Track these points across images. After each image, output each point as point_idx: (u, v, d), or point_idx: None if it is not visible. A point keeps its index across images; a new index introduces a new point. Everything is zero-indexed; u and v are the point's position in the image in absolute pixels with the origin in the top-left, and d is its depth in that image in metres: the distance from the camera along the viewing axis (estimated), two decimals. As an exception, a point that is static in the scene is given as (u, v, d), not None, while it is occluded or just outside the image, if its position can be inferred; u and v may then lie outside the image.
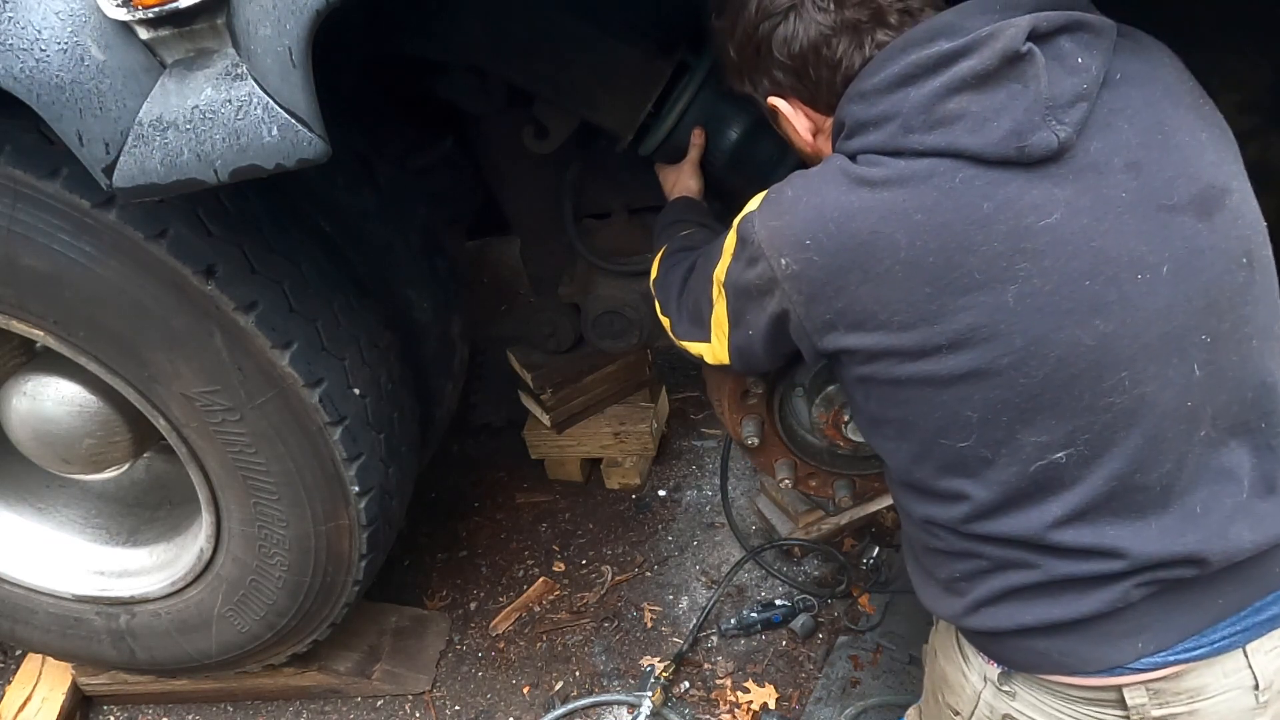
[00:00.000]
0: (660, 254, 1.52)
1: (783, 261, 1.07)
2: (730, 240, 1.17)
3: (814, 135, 1.20)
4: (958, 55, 0.98)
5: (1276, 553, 1.07)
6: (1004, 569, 1.10)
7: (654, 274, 1.51)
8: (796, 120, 1.19)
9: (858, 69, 1.07)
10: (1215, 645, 1.07)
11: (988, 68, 0.97)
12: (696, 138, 1.68)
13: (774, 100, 1.19)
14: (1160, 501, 1.04)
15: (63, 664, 2.29)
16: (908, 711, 1.58)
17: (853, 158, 1.06)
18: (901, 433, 1.11)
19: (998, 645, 1.17)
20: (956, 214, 0.99)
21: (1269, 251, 1.08)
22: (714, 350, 1.30)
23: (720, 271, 1.20)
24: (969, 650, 1.24)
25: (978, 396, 1.02)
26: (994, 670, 1.20)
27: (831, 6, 1.08)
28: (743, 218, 1.15)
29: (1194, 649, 1.07)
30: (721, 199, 1.76)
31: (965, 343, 1.00)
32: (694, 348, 1.35)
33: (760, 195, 1.14)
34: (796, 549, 2.45)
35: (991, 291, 0.99)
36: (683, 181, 1.70)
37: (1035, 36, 0.98)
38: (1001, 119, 0.97)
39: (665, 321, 1.44)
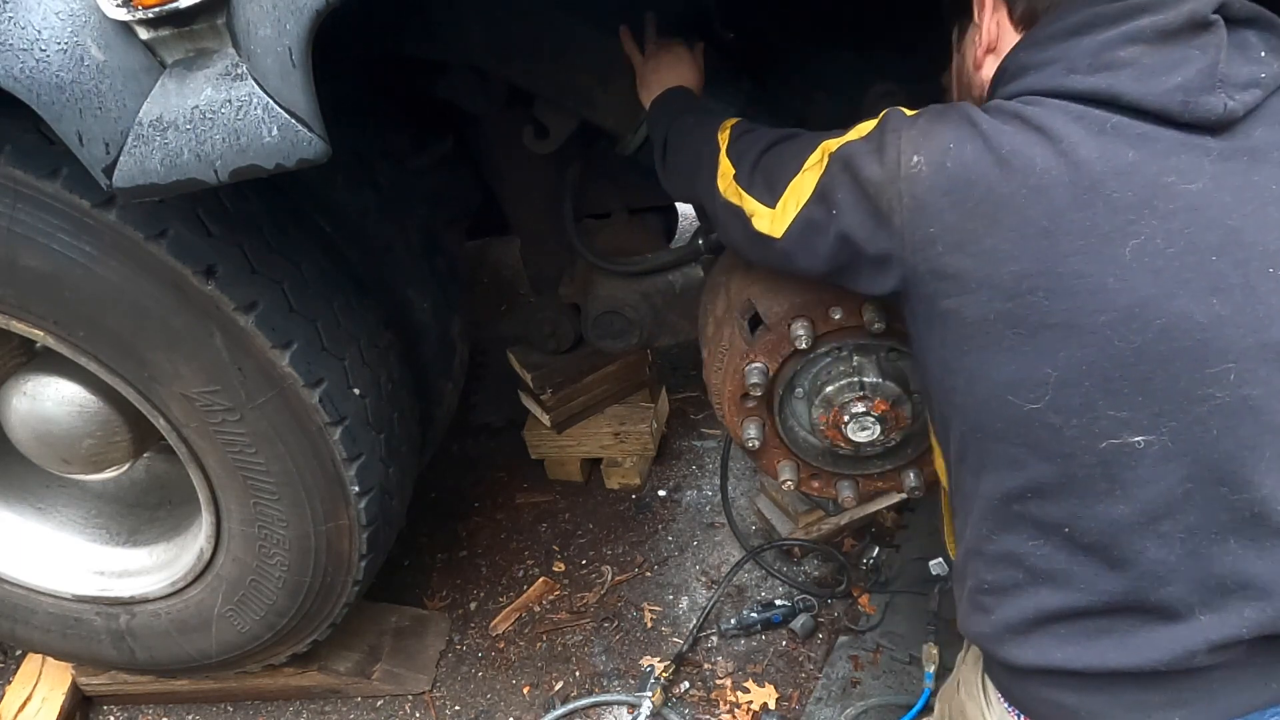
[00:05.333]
0: (736, 120, 1.40)
1: (915, 159, 1.03)
2: (868, 123, 1.12)
3: (985, 54, 1.14)
4: (1142, 9, 0.97)
5: None
6: (1036, 584, 1.04)
7: (725, 138, 1.36)
8: (987, 22, 1.12)
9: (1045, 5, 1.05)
10: None
11: (1170, 25, 0.95)
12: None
13: None
14: (1248, 530, 0.96)
15: (63, 664, 2.29)
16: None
17: (1008, 100, 1.04)
18: (969, 386, 1.04)
19: (1020, 687, 1.10)
20: (1099, 153, 0.96)
21: None
22: (771, 216, 1.21)
23: (836, 143, 1.14)
24: (993, 694, 1.17)
25: (1063, 354, 0.96)
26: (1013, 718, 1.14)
27: None
28: (895, 109, 1.11)
29: None
30: None
31: (1066, 290, 0.95)
32: (748, 204, 1.25)
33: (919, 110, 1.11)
34: (796, 549, 2.45)
35: (1110, 241, 0.94)
36: (684, 72, 1.58)
37: (1225, 16, 0.97)
38: (1171, 74, 0.95)
39: (726, 168, 1.32)
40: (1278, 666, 1.00)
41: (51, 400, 1.76)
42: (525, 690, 2.25)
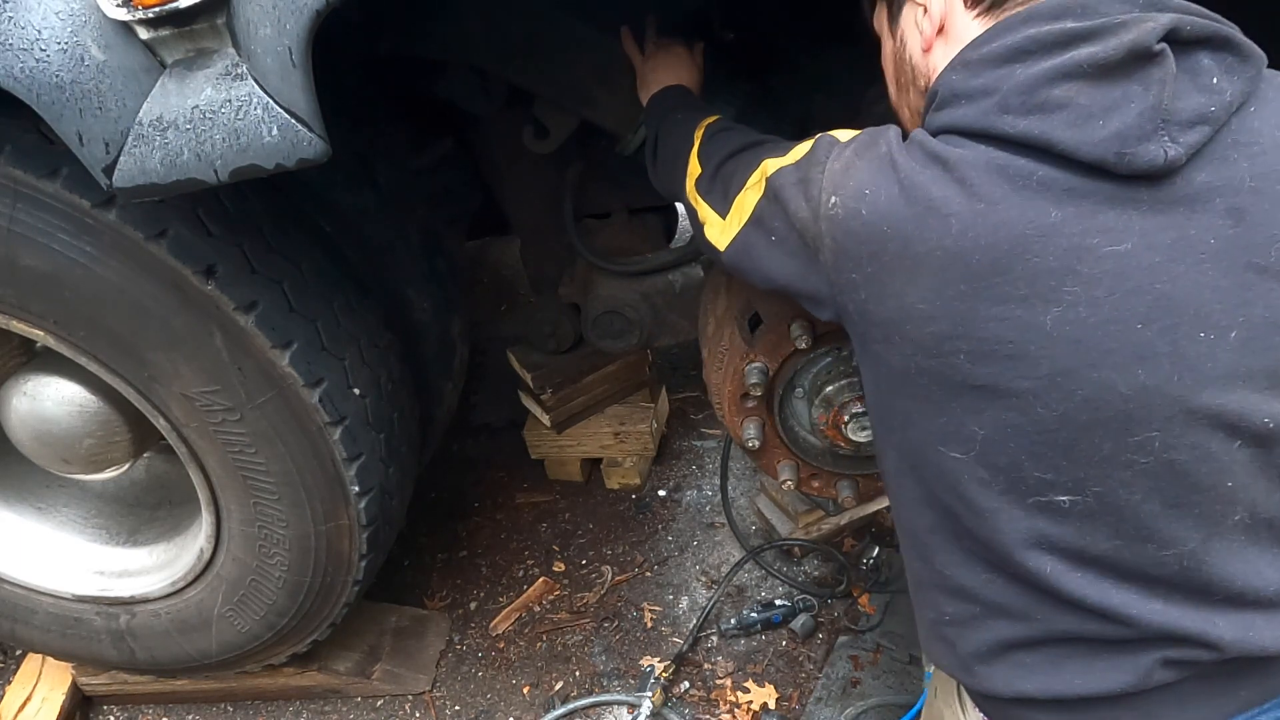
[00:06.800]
0: (714, 119, 1.38)
1: (833, 200, 0.99)
2: (805, 146, 1.09)
3: (936, 36, 1.05)
4: (1079, 38, 0.88)
5: None
6: (994, 616, 1.03)
7: (699, 137, 1.35)
8: (933, 3, 1.03)
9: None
10: None
11: (1109, 59, 0.86)
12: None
13: None
14: (1178, 580, 0.95)
15: (63, 664, 2.29)
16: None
17: (935, 135, 0.98)
18: (904, 428, 1.04)
19: (996, 710, 1.11)
20: (1020, 214, 0.89)
21: None
22: (721, 227, 1.20)
23: (774, 165, 1.10)
24: (968, 702, 1.17)
25: (988, 414, 0.94)
26: None
27: None
28: (827, 134, 1.07)
29: None
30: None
31: (986, 355, 0.92)
32: (703, 210, 1.25)
33: (855, 131, 1.06)
34: (796, 549, 2.45)
35: (1030, 308, 0.89)
36: (682, 72, 1.55)
37: (1174, 41, 0.87)
38: (1109, 119, 0.86)
39: (694, 169, 1.31)
40: (1243, 676, 0.99)
41: (51, 400, 1.76)
42: (525, 690, 2.25)
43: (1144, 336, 0.89)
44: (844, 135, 1.07)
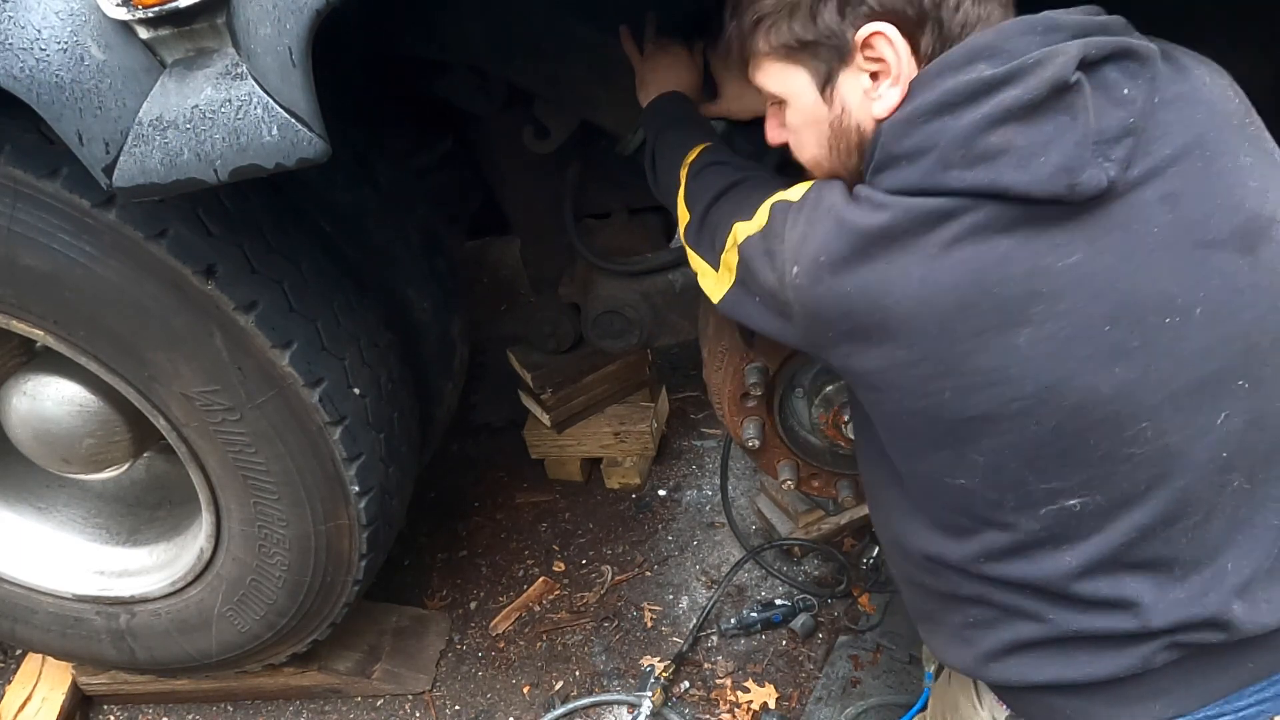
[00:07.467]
0: (697, 152, 1.36)
1: (794, 270, 1.02)
2: (763, 215, 1.10)
3: (904, 99, 1.00)
4: (1001, 83, 0.90)
5: None
6: (1012, 618, 1.06)
7: (684, 176, 1.35)
8: (897, 61, 0.99)
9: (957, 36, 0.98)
10: (1241, 714, 1.03)
11: (1035, 97, 0.89)
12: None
13: (877, 28, 0.98)
14: (1188, 555, 0.99)
15: (63, 664, 2.29)
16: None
17: (878, 194, 0.99)
18: (906, 462, 1.07)
19: (1010, 696, 1.15)
20: (975, 250, 0.92)
21: None
22: (714, 280, 1.22)
23: (743, 233, 1.13)
24: (983, 686, 1.20)
25: (985, 441, 0.98)
26: (1003, 711, 1.18)
27: None
28: (780, 201, 1.09)
29: (1217, 716, 1.03)
30: None
31: (971, 386, 0.95)
32: (695, 261, 1.28)
33: (805, 186, 1.07)
34: (796, 549, 2.45)
35: (1003, 334, 0.93)
36: (681, 74, 1.54)
37: (1083, 65, 0.90)
38: (1050, 154, 0.89)
39: (683, 213, 1.32)
40: (1251, 651, 1.02)
41: (51, 400, 1.76)
42: (525, 690, 2.25)
43: (1114, 337, 0.93)
44: (795, 194, 1.08)
